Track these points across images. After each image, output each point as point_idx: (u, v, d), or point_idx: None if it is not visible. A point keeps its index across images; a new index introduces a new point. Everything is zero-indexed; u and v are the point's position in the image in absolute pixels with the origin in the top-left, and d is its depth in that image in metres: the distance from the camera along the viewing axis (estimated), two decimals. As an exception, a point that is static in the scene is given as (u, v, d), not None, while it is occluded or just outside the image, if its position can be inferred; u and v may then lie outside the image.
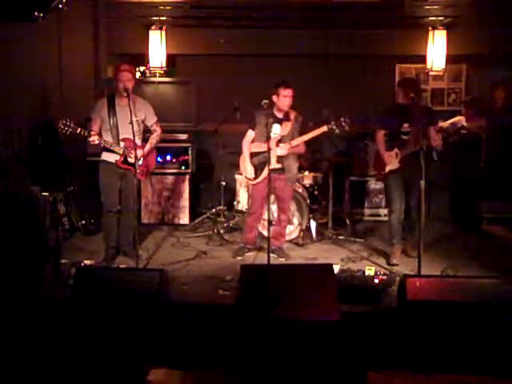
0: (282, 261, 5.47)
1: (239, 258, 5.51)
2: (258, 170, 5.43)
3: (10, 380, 3.45)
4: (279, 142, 5.35)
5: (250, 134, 5.44)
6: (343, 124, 5.21)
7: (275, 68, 7.69)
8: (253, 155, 5.45)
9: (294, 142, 5.30)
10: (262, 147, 5.25)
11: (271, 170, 5.10)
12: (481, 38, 7.44)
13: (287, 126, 5.36)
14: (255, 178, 5.45)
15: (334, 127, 5.23)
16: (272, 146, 5.23)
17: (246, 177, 5.59)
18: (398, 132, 5.26)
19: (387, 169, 5.37)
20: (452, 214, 6.93)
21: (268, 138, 4.99)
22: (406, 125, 5.22)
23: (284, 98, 5.24)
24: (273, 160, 5.26)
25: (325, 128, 5.25)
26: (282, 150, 5.32)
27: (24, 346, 3.70)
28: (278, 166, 5.36)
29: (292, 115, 5.37)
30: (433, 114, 5.46)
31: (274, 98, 5.27)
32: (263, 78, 7.51)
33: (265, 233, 5.50)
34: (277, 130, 5.35)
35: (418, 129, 4.88)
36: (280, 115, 5.36)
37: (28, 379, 3.47)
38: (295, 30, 7.62)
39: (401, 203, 5.33)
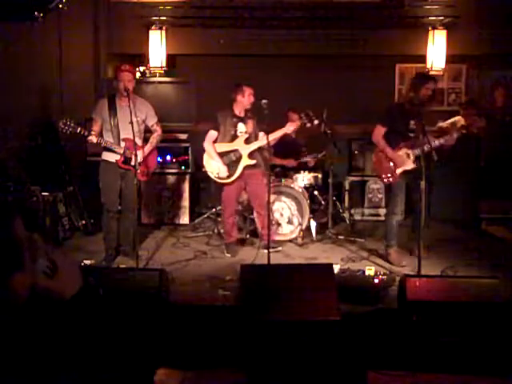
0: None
1: (234, 255, 5.53)
2: (229, 168, 5.48)
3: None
4: (247, 139, 5.48)
5: (212, 134, 5.52)
6: (312, 118, 5.44)
7: (275, 68, 7.71)
8: (222, 155, 5.49)
9: (271, 137, 5.31)
10: (228, 147, 5.46)
11: (246, 167, 5.44)
12: (481, 38, 7.45)
13: (250, 124, 5.50)
14: (229, 176, 5.48)
15: (306, 121, 5.47)
16: (241, 145, 5.46)
17: (217, 177, 5.56)
18: (407, 130, 5.11)
19: (400, 169, 5.07)
20: (452, 214, 6.93)
21: (235, 137, 5.44)
22: (412, 122, 5.08)
23: (249, 97, 5.40)
24: (245, 157, 5.47)
25: (297, 123, 5.55)
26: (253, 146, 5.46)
27: (24, 348, 3.70)
28: (253, 162, 5.49)
29: (250, 112, 5.49)
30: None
31: (239, 97, 5.42)
32: (263, 77, 7.54)
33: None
34: (242, 129, 5.50)
35: (423, 125, 4.83)
36: (242, 114, 5.50)
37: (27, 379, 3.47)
38: (295, 30, 7.62)
39: (403, 207, 5.27)
